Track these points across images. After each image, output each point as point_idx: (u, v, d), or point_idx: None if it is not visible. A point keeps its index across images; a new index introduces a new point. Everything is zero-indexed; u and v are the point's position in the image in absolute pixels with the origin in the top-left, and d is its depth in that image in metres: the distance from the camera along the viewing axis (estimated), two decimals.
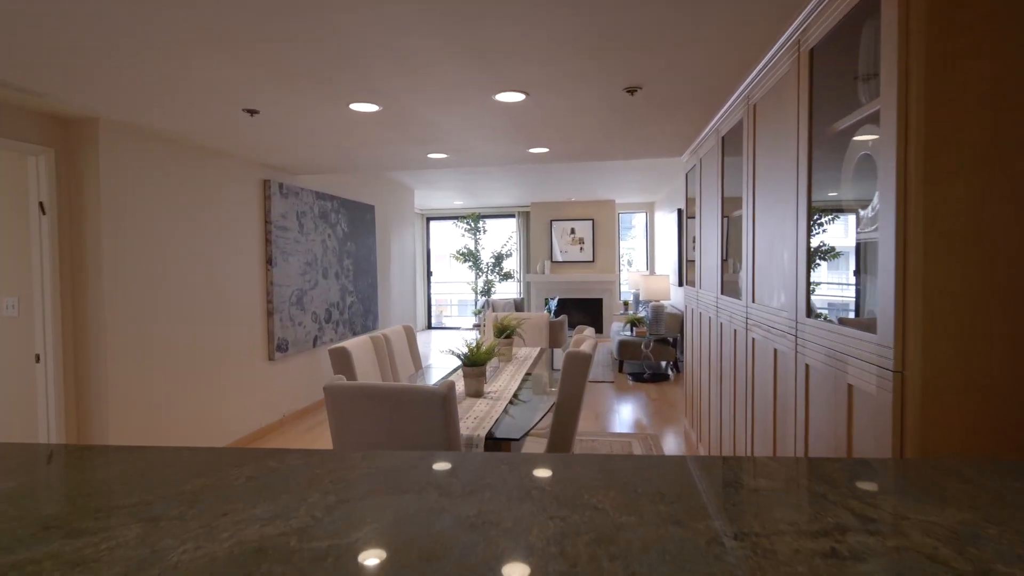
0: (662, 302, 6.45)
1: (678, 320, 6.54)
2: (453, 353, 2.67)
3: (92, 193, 3.18)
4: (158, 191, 3.57)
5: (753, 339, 2.46)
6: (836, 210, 1.77)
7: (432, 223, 10.75)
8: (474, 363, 2.63)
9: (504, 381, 3.05)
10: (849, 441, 1.55)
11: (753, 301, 2.46)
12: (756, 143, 2.41)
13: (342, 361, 2.78)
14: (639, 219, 10.35)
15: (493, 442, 2.13)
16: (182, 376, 3.77)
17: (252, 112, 2.97)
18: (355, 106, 2.86)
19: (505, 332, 3.49)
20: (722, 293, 3.10)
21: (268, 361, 4.72)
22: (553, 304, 7.78)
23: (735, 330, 2.78)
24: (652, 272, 9.60)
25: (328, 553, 0.70)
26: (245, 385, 4.43)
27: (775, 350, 2.16)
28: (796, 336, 1.92)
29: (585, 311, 9.34)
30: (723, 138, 3.03)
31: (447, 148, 3.94)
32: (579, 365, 2.48)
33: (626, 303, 8.67)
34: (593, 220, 9.18)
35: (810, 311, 1.84)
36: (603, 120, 3.23)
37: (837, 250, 1.81)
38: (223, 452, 1.10)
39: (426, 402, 1.83)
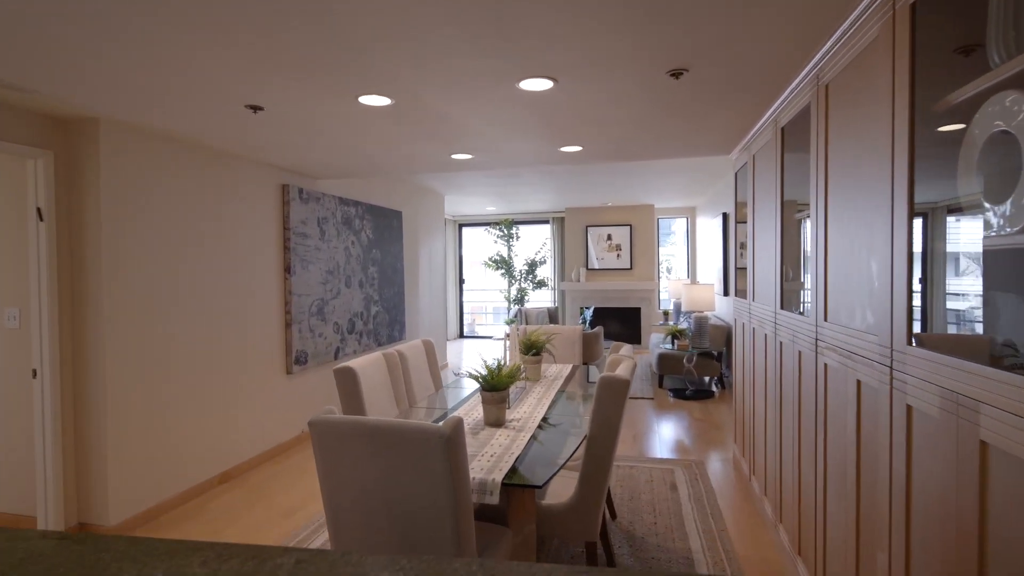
0: (706, 313, 5.99)
1: (723, 332, 6.06)
2: (471, 375, 2.34)
3: (92, 198, 2.99)
4: (166, 196, 3.37)
5: (825, 364, 2.05)
6: (953, 209, 1.36)
7: (464, 229, 10.50)
8: (494, 388, 2.29)
9: (530, 407, 2.71)
10: (982, 518, 1.14)
11: (825, 320, 2.05)
12: (829, 131, 2.01)
13: (347, 382, 2.48)
14: (679, 224, 9.86)
15: (511, 488, 1.78)
16: (192, 392, 3.56)
17: (256, 108, 2.73)
18: (364, 99, 2.58)
19: (533, 349, 3.15)
20: (781, 307, 2.68)
21: (286, 375, 4.50)
22: (588, 314, 7.38)
23: (799, 351, 2.37)
24: (694, 280, 9.09)
25: None
26: (261, 401, 4.20)
27: (858, 381, 1.76)
28: (891, 368, 1.52)
29: (622, 321, 8.90)
30: (782, 129, 2.63)
31: (470, 147, 3.64)
32: (615, 392, 2.12)
33: (666, 313, 8.20)
34: (631, 226, 8.75)
35: (912, 338, 1.44)
36: (642, 111, 2.86)
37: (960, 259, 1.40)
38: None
39: (426, 444, 1.51)
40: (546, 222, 9.63)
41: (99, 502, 3.05)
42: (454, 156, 3.88)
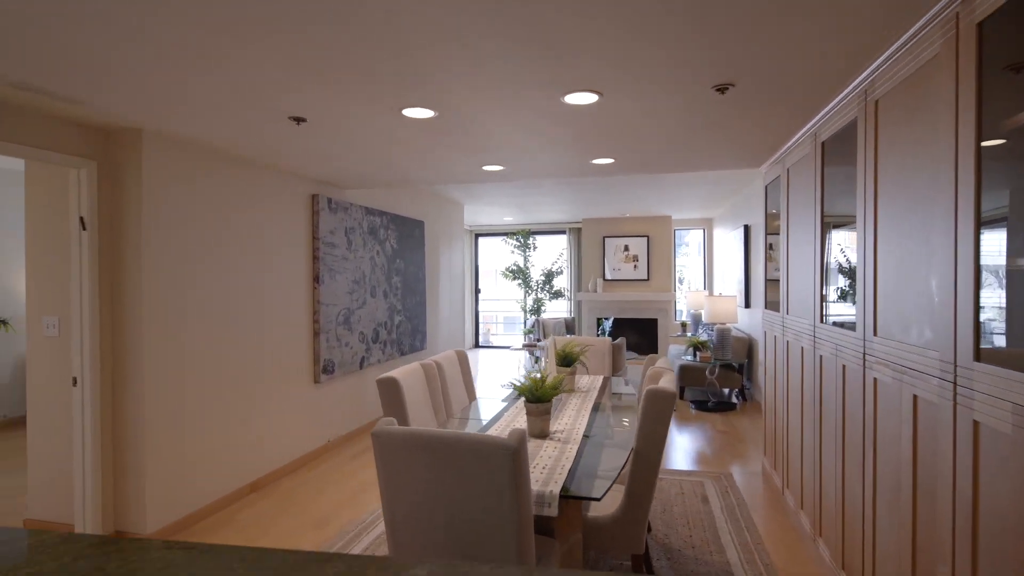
0: (728, 325, 5.98)
1: (745, 344, 6.04)
2: (514, 386, 2.35)
3: (134, 208, 3.04)
4: (201, 205, 3.42)
5: (875, 379, 2.05)
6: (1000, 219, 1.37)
7: (480, 239, 10.54)
8: (539, 399, 2.30)
9: (570, 418, 2.72)
10: None
11: (875, 334, 2.05)
12: (879, 146, 2.03)
13: (391, 393, 2.50)
14: (693, 236, 9.86)
15: (566, 500, 1.79)
16: (223, 400, 3.59)
17: (299, 120, 2.78)
18: (408, 112, 2.62)
19: (569, 360, 3.16)
20: (821, 321, 2.68)
21: (313, 384, 4.53)
22: (608, 324, 7.37)
23: (843, 365, 2.37)
24: (710, 292, 9.07)
25: None
26: (290, 409, 4.23)
27: (915, 396, 1.76)
28: (955, 383, 1.52)
29: (639, 332, 8.88)
30: (823, 143, 2.64)
31: (503, 159, 3.67)
32: (662, 405, 2.13)
33: (683, 324, 8.19)
34: (648, 237, 8.76)
35: (979, 353, 1.44)
36: (682, 125, 2.89)
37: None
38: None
39: (492, 457, 1.52)
40: (563, 232, 9.66)
41: (136, 510, 3.07)
42: (485, 167, 3.92)
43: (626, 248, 8.81)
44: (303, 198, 4.41)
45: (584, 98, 2.41)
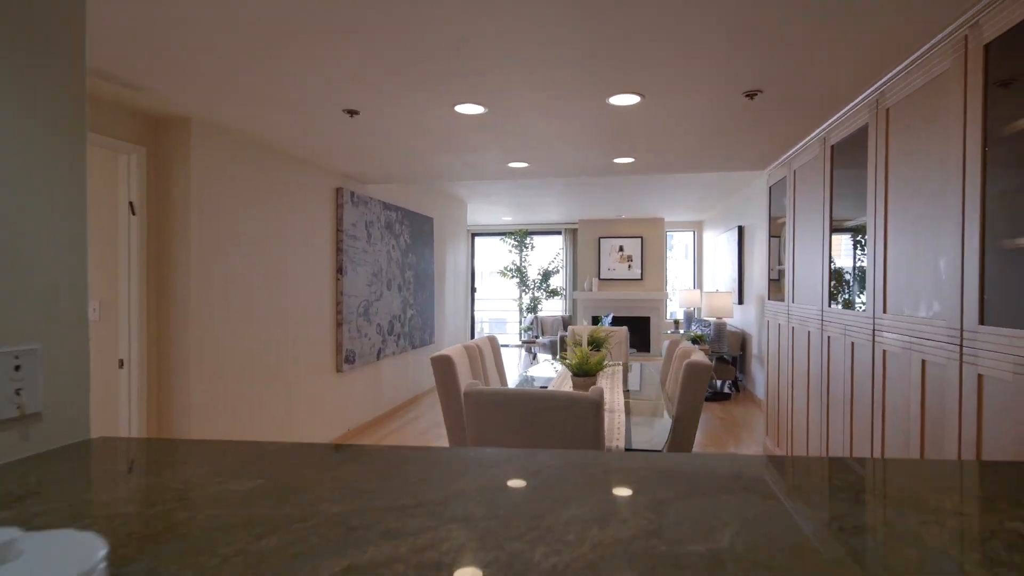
0: (723, 320, 6.31)
1: (739, 338, 6.38)
2: (562, 361, 2.60)
3: (182, 194, 3.19)
4: (241, 194, 3.59)
5: (884, 351, 2.35)
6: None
7: (476, 239, 10.76)
8: (585, 373, 2.55)
9: (607, 394, 2.97)
10: None
11: (884, 312, 2.35)
12: (889, 149, 2.33)
13: (445, 369, 2.73)
14: (679, 238, 10.25)
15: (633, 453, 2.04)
16: (255, 388, 3.76)
17: (352, 113, 2.98)
18: (460, 108, 2.86)
19: (598, 345, 3.42)
20: (829, 305, 2.99)
21: (336, 373, 4.70)
22: (607, 321, 7.67)
23: (852, 342, 2.67)
24: (701, 290, 9.45)
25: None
26: (315, 396, 4.41)
27: (923, 361, 2.05)
28: (961, 345, 1.82)
29: (633, 329, 9.20)
30: (832, 146, 2.95)
31: (532, 156, 3.93)
32: (701, 375, 2.39)
33: (676, 322, 8.52)
34: (642, 238, 9.10)
35: (983, 318, 1.73)
36: (708, 127, 3.18)
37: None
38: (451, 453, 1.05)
39: (577, 408, 1.76)
40: (559, 233, 9.94)
41: None
42: (511, 164, 4.16)
43: (621, 248, 9.13)
44: (328, 191, 4.60)
45: (628, 99, 2.68)
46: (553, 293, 9.44)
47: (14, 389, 0.93)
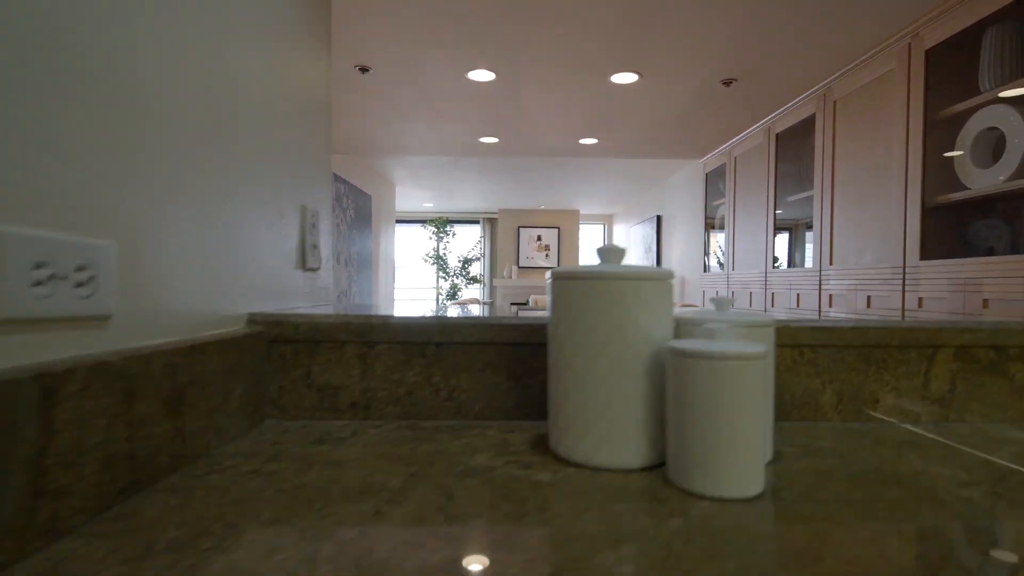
0: None
1: None
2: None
3: None
4: None
5: (830, 295, 2.93)
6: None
7: (398, 226, 10.70)
8: None
9: None
10: None
11: (831, 264, 2.93)
12: (836, 135, 2.92)
13: None
14: (589, 231, 11.00)
15: None
16: None
17: (364, 69, 3.07)
18: (472, 74, 3.06)
19: None
20: (773, 268, 3.58)
21: None
22: (530, 304, 8.08)
23: (797, 294, 3.25)
24: None
25: None
26: None
27: (868, 297, 2.63)
28: (904, 279, 2.39)
29: None
30: (778, 135, 3.55)
31: (505, 132, 4.18)
32: None
33: None
34: (559, 228, 9.65)
35: (924, 254, 2.31)
36: (680, 111, 3.65)
37: None
38: None
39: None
40: (477, 222, 10.21)
41: None
42: (482, 139, 4.39)
43: (539, 238, 9.61)
44: None
45: (627, 78, 3.05)
46: (473, 280, 9.70)
47: None
